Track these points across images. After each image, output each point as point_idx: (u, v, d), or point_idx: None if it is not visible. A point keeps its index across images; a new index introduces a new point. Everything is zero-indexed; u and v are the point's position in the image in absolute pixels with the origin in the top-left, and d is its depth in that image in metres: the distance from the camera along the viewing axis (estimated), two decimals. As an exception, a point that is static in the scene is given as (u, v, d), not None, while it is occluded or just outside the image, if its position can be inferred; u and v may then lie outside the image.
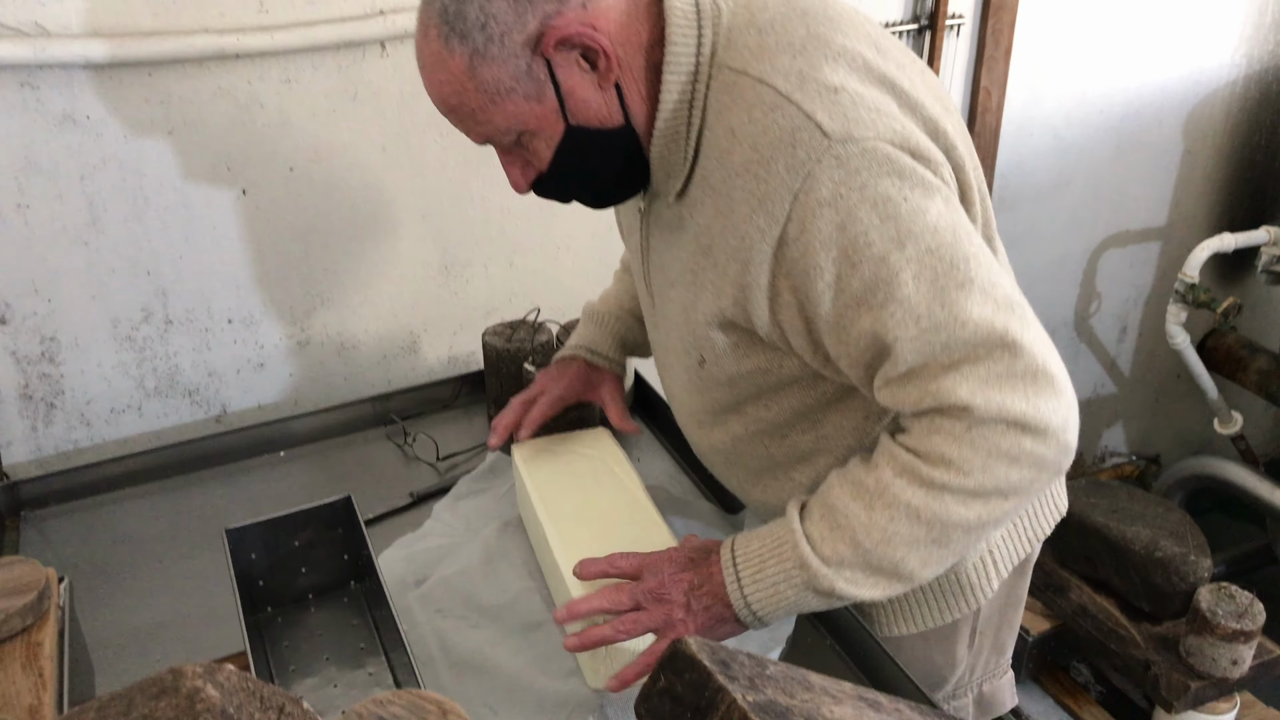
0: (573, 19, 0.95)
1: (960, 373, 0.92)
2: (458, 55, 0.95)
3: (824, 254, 0.94)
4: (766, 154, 0.94)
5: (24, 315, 1.55)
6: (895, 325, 0.93)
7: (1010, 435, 0.92)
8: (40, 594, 1.03)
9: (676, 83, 1.00)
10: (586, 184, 1.09)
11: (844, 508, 0.99)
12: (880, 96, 0.97)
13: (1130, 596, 2.05)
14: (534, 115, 0.99)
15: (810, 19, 1.00)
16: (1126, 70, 2.37)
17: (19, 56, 1.39)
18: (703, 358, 1.12)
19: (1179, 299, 2.49)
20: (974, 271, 0.92)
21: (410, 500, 1.50)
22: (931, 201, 0.93)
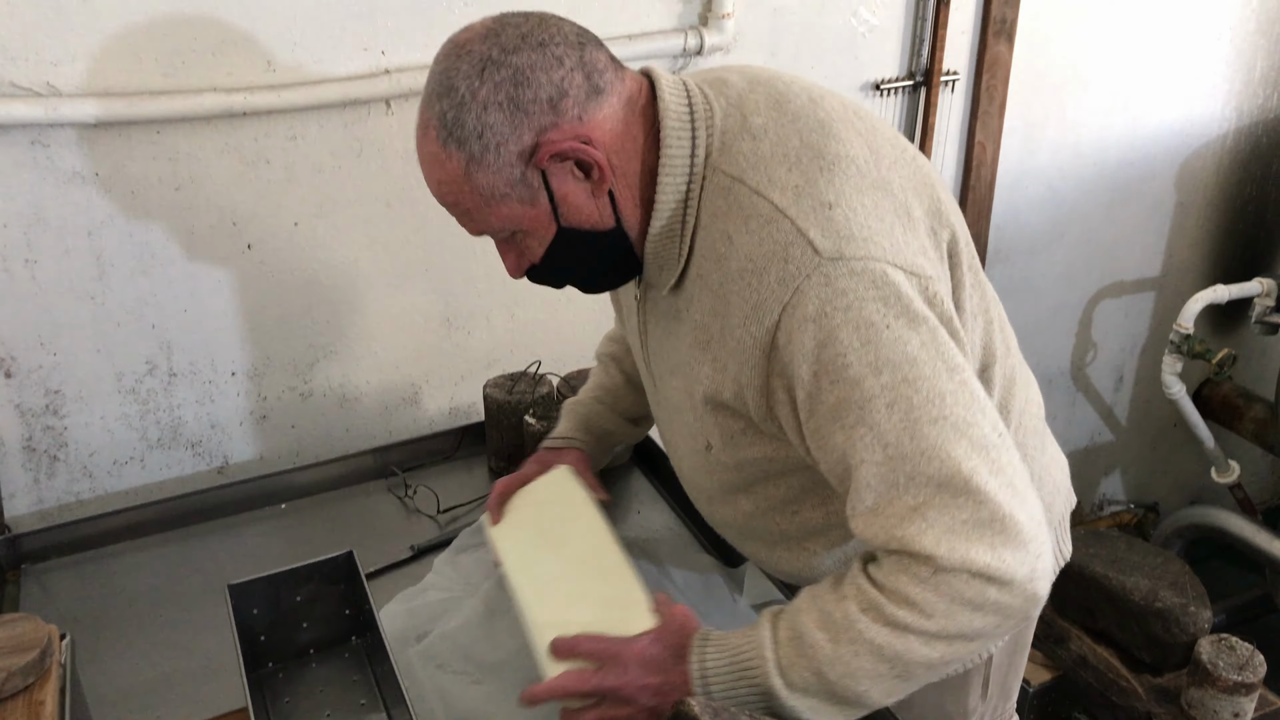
0: (568, 132, 0.98)
1: (925, 519, 0.92)
2: (455, 159, 0.98)
3: (805, 366, 0.96)
4: (760, 265, 0.97)
5: (29, 368, 1.57)
6: (863, 448, 0.94)
7: (974, 584, 0.92)
8: (42, 652, 1.04)
9: (672, 184, 1.03)
10: (577, 276, 1.12)
11: (811, 637, 0.99)
12: (875, 206, 0.98)
13: (1131, 647, 2.04)
14: (527, 217, 1.02)
15: (802, 125, 1.02)
16: (1118, 124, 2.40)
17: (31, 116, 1.41)
18: (709, 443, 1.13)
19: (1174, 350, 2.51)
20: (949, 409, 0.93)
21: (411, 553, 1.50)
22: (915, 332, 0.94)
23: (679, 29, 1.80)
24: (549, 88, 0.97)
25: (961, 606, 0.93)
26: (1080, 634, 2.13)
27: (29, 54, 1.41)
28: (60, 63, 1.43)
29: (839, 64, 2.00)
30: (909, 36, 2.05)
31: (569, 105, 0.97)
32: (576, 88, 0.98)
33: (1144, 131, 2.45)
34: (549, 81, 0.97)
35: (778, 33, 1.90)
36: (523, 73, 0.96)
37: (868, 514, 0.96)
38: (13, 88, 1.42)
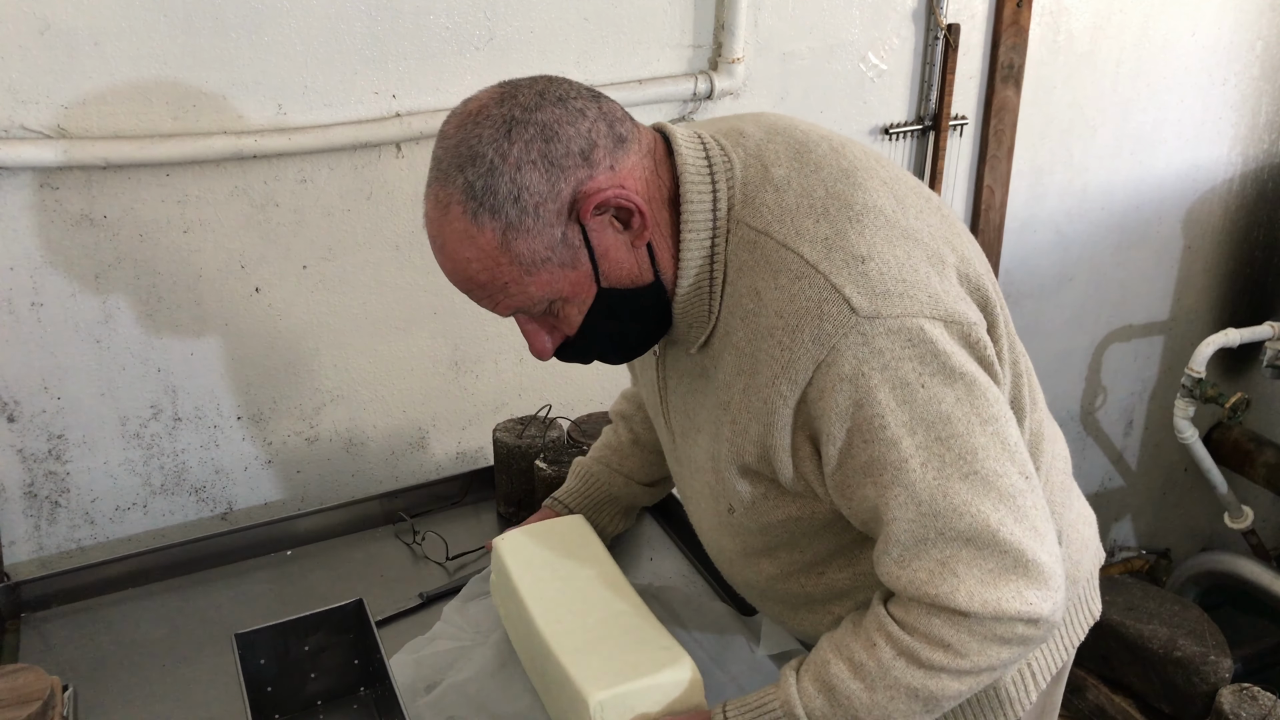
0: (604, 181, 0.95)
1: (956, 575, 0.94)
2: (488, 230, 0.93)
3: (839, 425, 0.95)
4: (793, 322, 0.94)
5: (33, 413, 1.55)
6: (896, 506, 0.95)
7: (1004, 625, 0.96)
8: (45, 704, 1.01)
9: (697, 240, 1.00)
10: (613, 344, 1.07)
11: (844, 687, 1.00)
12: (908, 257, 0.96)
13: (1149, 697, 2.01)
14: (568, 282, 0.98)
15: (826, 175, 1.00)
16: (1125, 168, 2.41)
17: (41, 159, 1.41)
18: (731, 506, 1.11)
19: (1186, 394, 2.49)
20: (980, 464, 0.94)
21: (420, 601, 1.47)
22: (950, 388, 0.94)
23: (689, 74, 1.81)
24: (579, 140, 0.94)
25: (993, 643, 0.96)
26: (1098, 684, 2.09)
27: (39, 97, 1.41)
28: (70, 106, 1.43)
29: (848, 109, 2.00)
30: (917, 81, 2.06)
31: (600, 155, 0.95)
32: (604, 137, 0.95)
33: (1150, 176, 2.45)
34: (578, 134, 0.94)
35: (787, 77, 1.91)
36: (550, 128, 0.93)
37: (895, 565, 0.98)
38: (23, 130, 1.41)
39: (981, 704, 1.20)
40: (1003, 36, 2.09)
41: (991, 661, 0.97)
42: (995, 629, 0.95)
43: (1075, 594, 1.25)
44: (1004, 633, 0.96)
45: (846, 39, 1.94)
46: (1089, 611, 1.29)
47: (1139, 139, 2.39)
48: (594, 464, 1.46)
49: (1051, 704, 1.32)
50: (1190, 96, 2.40)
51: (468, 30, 1.62)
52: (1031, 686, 1.22)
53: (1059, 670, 1.27)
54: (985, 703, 1.20)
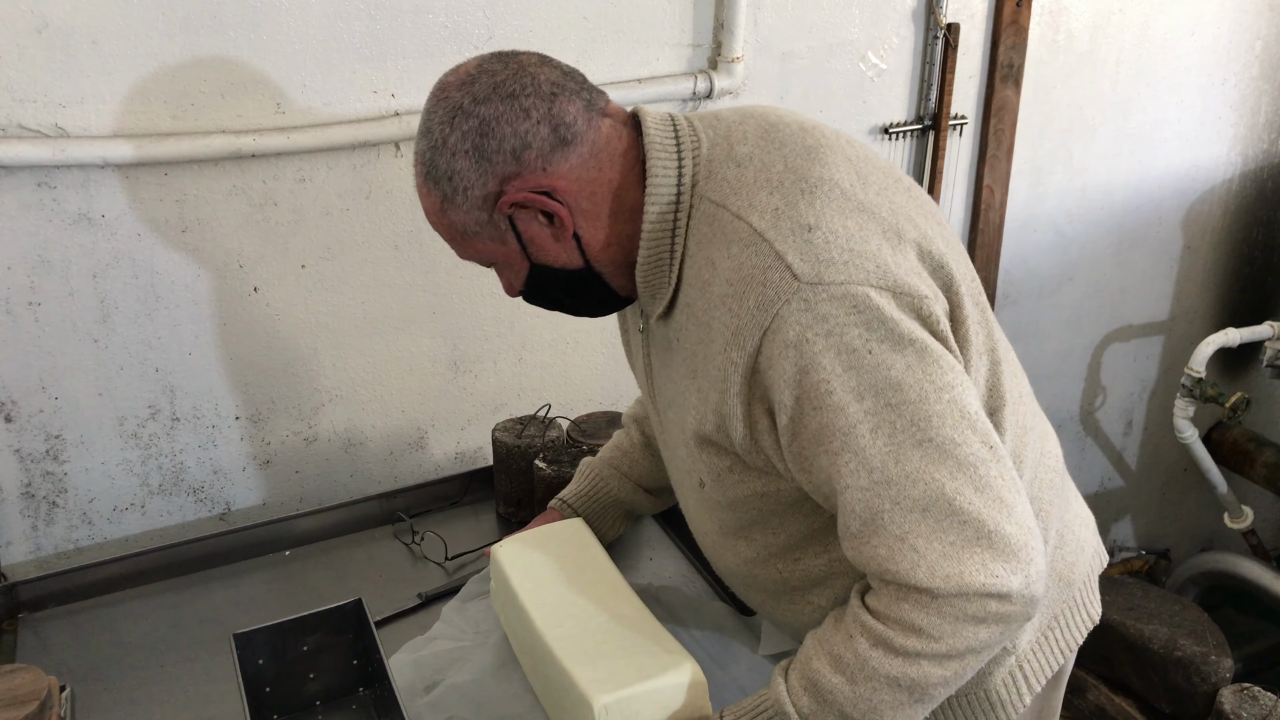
0: (530, 182, 1.01)
1: (916, 550, 0.93)
2: (432, 195, 1.04)
3: (787, 392, 0.96)
4: (739, 289, 0.97)
5: (30, 413, 1.54)
6: (848, 474, 0.95)
7: (974, 602, 0.94)
8: (42, 704, 1.00)
9: (656, 212, 1.04)
10: (563, 305, 1.15)
11: (827, 683, 1.00)
12: (859, 229, 0.97)
13: (1150, 697, 2.00)
14: (500, 253, 1.07)
15: (788, 151, 1.03)
16: (1124, 168, 2.40)
17: (39, 158, 1.40)
18: (702, 480, 1.12)
19: (1186, 393, 2.49)
20: (935, 431, 0.93)
21: (419, 601, 1.47)
22: (899, 355, 0.93)
23: (688, 73, 1.80)
24: (513, 139, 1.00)
25: (966, 623, 0.94)
26: (1098, 684, 2.09)
27: (37, 95, 1.40)
28: (68, 104, 1.42)
29: (848, 108, 2.00)
30: (917, 81, 2.05)
31: (532, 157, 1.00)
32: (541, 140, 1.00)
33: (1150, 176, 2.45)
34: (514, 134, 1.00)
35: (787, 77, 1.90)
36: (489, 123, 1.00)
37: (855, 540, 0.97)
38: (20, 129, 1.41)
39: (972, 706, 1.18)
40: (1002, 36, 2.08)
41: (969, 643, 0.95)
42: (964, 607, 0.93)
43: (1071, 596, 1.23)
44: (975, 611, 0.94)
45: (846, 38, 1.94)
46: (1087, 615, 1.27)
47: (1138, 139, 2.38)
48: (603, 466, 1.46)
49: (1050, 708, 1.30)
50: (1190, 96, 2.40)
51: (467, 29, 1.61)
52: (1024, 689, 1.19)
53: (1056, 673, 1.24)
54: (976, 705, 1.18)
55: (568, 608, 1.21)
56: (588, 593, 1.24)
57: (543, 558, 1.30)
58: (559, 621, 1.19)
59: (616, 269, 1.09)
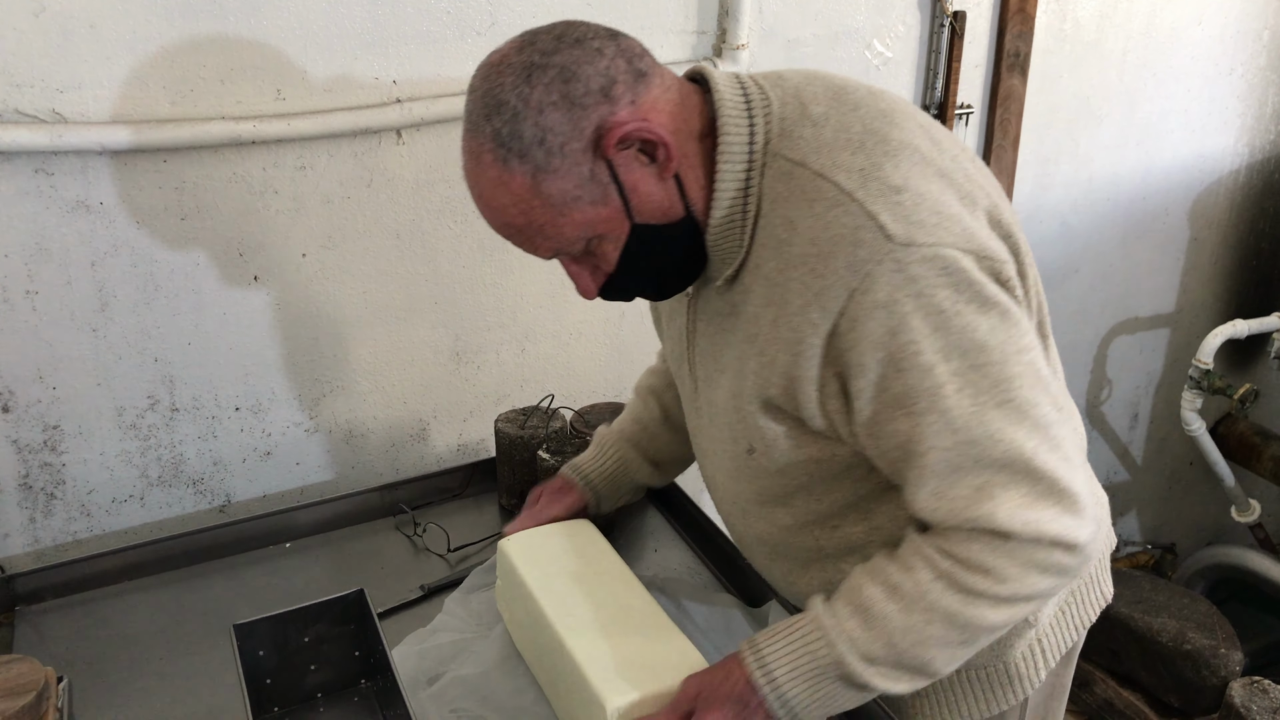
0: (626, 116, 0.96)
1: (993, 498, 0.95)
2: (518, 175, 0.95)
3: (871, 354, 0.95)
4: (826, 249, 0.95)
5: (28, 403, 1.52)
6: (931, 435, 0.95)
7: (1044, 550, 0.96)
8: (39, 695, 0.98)
9: (732, 171, 1.01)
10: (652, 279, 1.08)
11: (880, 609, 1.00)
12: (942, 193, 0.97)
13: (1158, 691, 1.99)
14: (601, 219, 0.99)
15: (863, 113, 1.01)
16: (1131, 159, 2.39)
17: (36, 143, 1.38)
18: (751, 446, 1.10)
19: (1194, 385, 2.47)
20: (1015, 392, 0.94)
21: (421, 593, 1.45)
22: (984, 317, 0.94)
23: (693, 60, 1.78)
24: (598, 78, 0.95)
25: (1032, 570, 0.96)
26: (1105, 678, 2.07)
27: (35, 80, 1.38)
28: (66, 89, 1.40)
29: (853, 96, 1.98)
30: (923, 70, 2.04)
31: (620, 91, 0.96)
32: (623, 73, 0.96)
33: (1157, 167, 2.43)
34: (596, 73, 0.95)
35: (792, 64, 1.87)
36: (568, 69, 0.94)
37: (931, 498, 0.98)
38: (17, 114, 1.39)
39: (992, 680, 1.20)
40: (1009, 24, 2.07)
41: (1030, 590, 0.97)
42: (1035, 554, 0.96)
43: (1089, 573, 1.24)
44: (1043, 559, 0.96)
45: (852, 26, 1.92)
46: (1100, 593, 1.29)
47: (1145, 129, 2.37)
48: (625, 446, 1.44)
49: (1061, 686, 1.31)
50: (1197, 86, 2.38)
51: (469, 15, 1.59)
52: (1041, 665, 1.22)
53: (1069, 650, 1.27)
54: (995, 679, 1.20)
55: (579, 603, 1.19)
56: (599, 588, 1.22)
57: (551, 553, 1.28)
58: (571, 616, 1.17)
59: (702, 223, 1.05)
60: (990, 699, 1.21)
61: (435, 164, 1.65)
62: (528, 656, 1.27)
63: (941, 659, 1.00)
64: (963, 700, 1.22)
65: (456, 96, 1.61)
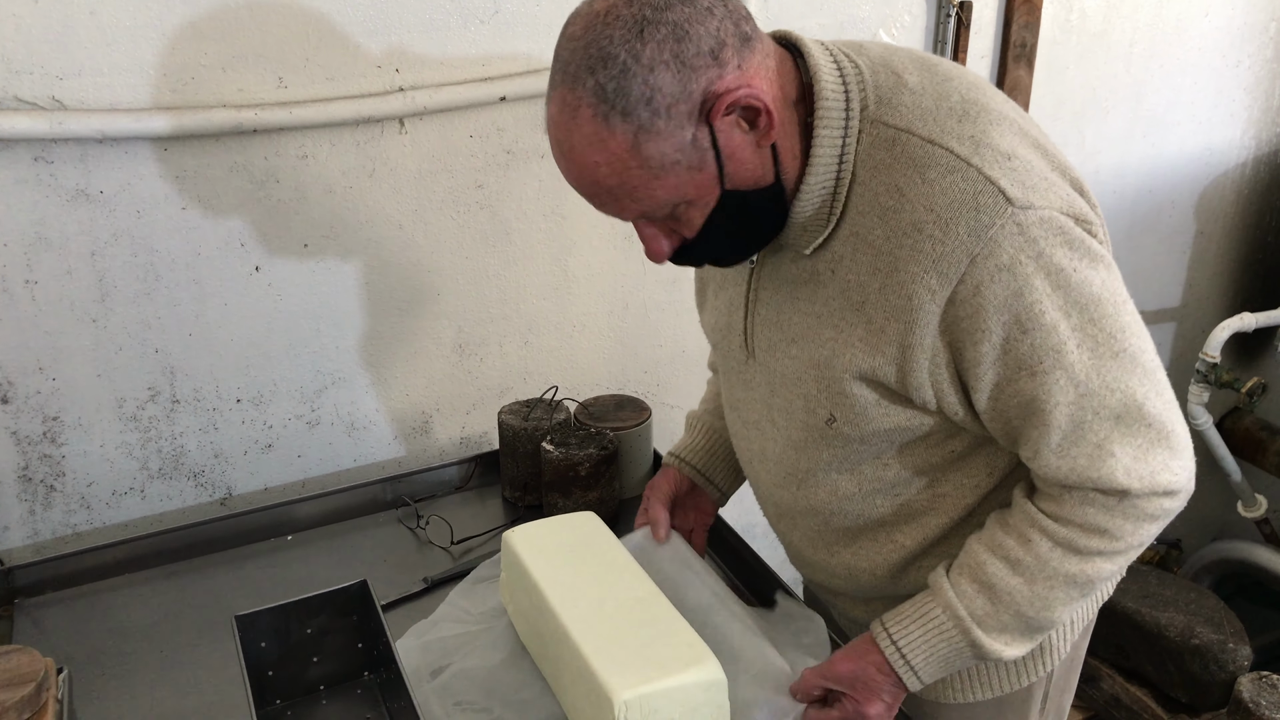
0: (732, 81, 0.93)
1: (1114, 455, 0.98)
2: (619, 134, 0.92)
3: (995, 318, 0.96)
4: (945, 215, 0.95)
5: (27, 394, 1.51)
6: (1057, 391, 0.97)
7: (1154, 500, 1.01)
8: (39, 686, 0.97)
9: (829, 138, 1.00)
10: (728, 244, 1.06)
11: (1004, 584, 1.04)
12: (1040, 162, 0.99)
13: (1166, 686, 1.97)
14: (694, 185, 0.97)
15: (956, 84, 1.02)
16: (1137, 151, 2.37)
17: (35, 131, 1.37)
18: (833, 415, 1.10)
19: (1201, 379, 2.45)
20: (1127, 341, 0.98)
21: (424, 585, 1.44)
22: (1096, 271, 0.97)
23: (698, 49, 1.76)
24: (709, 39, 0.92)
25: (1145, 521, 1.02)
26: (1112, 673, 2.06)
27: (34, 67, 1.37)
28: (66, 77, 1.39)
29: (858, 87, 1.96)
30: (928, 60, 2.02)
31: (729, 55, 0.93)
32: (731, 36, 0.93)
33: (1163, 159, 2.42)
34: (707, 33, 0.92)
35: (797, 54, 1.87)
36: (681, 27, 0.91)
37: (1055, 456, 1.00)
38: (17, 101, 1.37)
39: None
40: (1015, 15, 2.05)
41: (1141, 538, 1.03)
42: (1146, 506, 1.00)
43: None
44: (1153, 509, 1.01)
45: (858, 15, 1.91)
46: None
47: (1152, 121, 2.35)
48: (706, 416, 1.42)
49: (1078, 659, 1.34)
50: (1204, 78, 2.37)
51: (472, 2, 1.58)
52: (1068, 636, 1.25)
53: (1088, 624, 1.31)
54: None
55: (585, 595, 1.18)
56: (605, 581, 1.20)
57: (557, 545, 1.27)
58: (577, 609, 1.15)
59: (791, 191, 1.03)
60: (1022, 670, 1.24)
61: (438, 153, 1.64)
62: (533, 649, 1.25)
63: (1062, 614, 1.06)
64: (993, 673, 1.24)
65: (460, 85, 1.60)
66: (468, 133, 1.64)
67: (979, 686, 1.25)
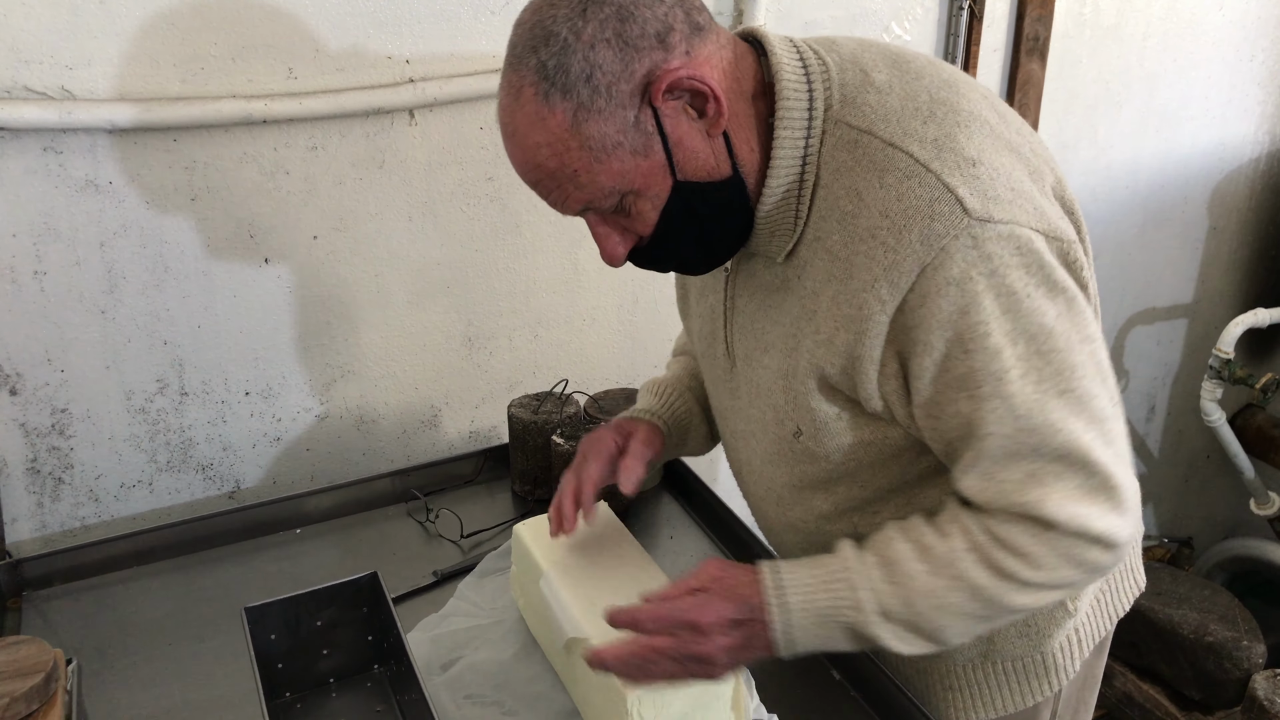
0: (678, 65, 0.91)
1: (1044, 485, 0.93)
2: (559, 111, 0.90)
3: (938, 332, 0.91)
4: (899, 222, 0.91)
5: (35, 386, 1.50)
6: (993, 420, 0.92)
7: (1083, 545, 0.94)
8: (48, 677, 0.96)
9: (791, 138, 0.96)
10: (691, 246, 1.02)
11: (907, 566, 0.97)
12: (1013, 167, 0.94)
13: (1179, 684, 1.96)
14: (640, 172, 0.94)
15: (927, 82, 0.97)
16: (1150, 146, 2.36)
17: (44, 120, 1.36)
18: (799, 429, 1.06)
19: (1214, 375, 2.44)
20: (1076, 381, 0.92)
21: (434, 579, 1.43)
22: (1053, 302, 0.91)
23: (709, 41, 1.75)
24: (655, 22, 0.91)
25: (1067, 563, 0.95)
26: (1125, 671, 2.04)
27: (44, 57, 1.36)
28: (75, 66, 1.38)
29: (870, 80, 1.95)
30: (941, 53, 2.01)
31: (676, 40, 0.91)
32: (680, 23, 0.92)
33: (1176, 154, 2.40)
34: (654, 17, 0.91)
35: (809, 47, 1.86)
36: (626, 9, 0.90)
37: (981, 479, 0.95)
38: (26, 91, 1.36)
39: (1029, 670, 1.17)
40: (1028, 8, 2.04)
41: (1059, 580, 0.96)
42: (1074, 548, 0.94)
43: (1125, 563, 1.22)
44: (1081, 554, 0.94)
45: (870, 8, 1.89)
46: (1134, 581, 1.26)
47: (1165, 115, 2.34)
48: (686, 391, 1.35)
49: (1093, 676, 1.28)
50: (1217, 72, 2.35)
51: (483, -7, 1.57)
52: (1077, 654, 1.19)
53: (1102, 640, 1.24)
54: (1032, 669, 1.17)
55: (598, 588, 1.16)
56: (618, 573, 1.19)
57: (568, 538, 1.26)
58: (590, 602, 1.14)
59: (754, 187, 0.99)
60: (1026, 690, 1.19)
61: (448, 145, 1.63)
62: (544, 643, 1.24)
63: (955, 630, 0.98)
64: (998, 691, 1.19)
65: (470, 76, 1.59)
66: (478, 124, 1.64)
67: (981, 706, 1.20)
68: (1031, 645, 1.16)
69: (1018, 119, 1.02)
